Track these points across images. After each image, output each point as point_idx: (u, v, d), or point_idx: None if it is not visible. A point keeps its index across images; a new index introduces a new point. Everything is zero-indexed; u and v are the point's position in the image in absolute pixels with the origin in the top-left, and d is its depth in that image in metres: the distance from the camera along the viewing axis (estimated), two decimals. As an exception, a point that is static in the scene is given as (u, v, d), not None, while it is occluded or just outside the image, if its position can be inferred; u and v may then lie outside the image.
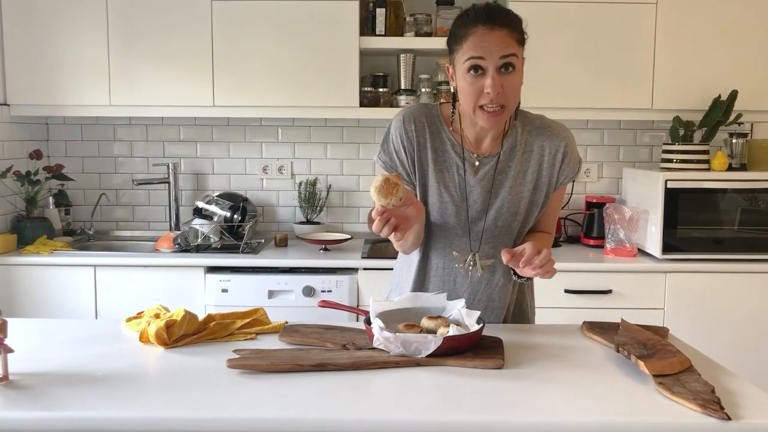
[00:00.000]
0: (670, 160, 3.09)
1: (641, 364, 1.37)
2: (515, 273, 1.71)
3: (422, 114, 1.73)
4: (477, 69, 1.56)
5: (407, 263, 1.83)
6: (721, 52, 3.09)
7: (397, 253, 1.83)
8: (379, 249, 3.08)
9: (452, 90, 1.67)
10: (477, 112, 1.60)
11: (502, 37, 1.55)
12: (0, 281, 2.93)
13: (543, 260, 1.54)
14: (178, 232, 3.15)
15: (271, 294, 2.90)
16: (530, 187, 1.72)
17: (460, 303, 1.64)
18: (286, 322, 1.73)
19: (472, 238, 1.73)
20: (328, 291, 2.88)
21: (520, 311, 1.85)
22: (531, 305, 1.90)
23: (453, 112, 1.71)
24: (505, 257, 1.56)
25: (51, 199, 3.38)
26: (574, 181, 1.78)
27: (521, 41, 1.60)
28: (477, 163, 1.71)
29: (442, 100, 1.80)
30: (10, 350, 1.34)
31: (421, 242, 1.75)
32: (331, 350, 1.52)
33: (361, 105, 3.17)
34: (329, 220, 3.53)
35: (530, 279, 1.76)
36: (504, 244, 1.73)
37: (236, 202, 3.26)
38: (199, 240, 3.08)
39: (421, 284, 1.79)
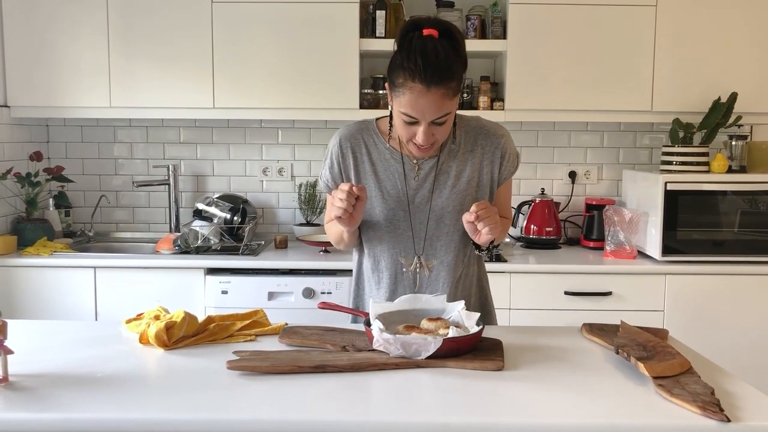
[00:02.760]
0: (669, 162, 3.09)
1: (641, 366, 1.37)
2: (475, 246, 1.79)
3: (358, 131, 1.81)
4: (411, 122, 1.61)
5: (361, 272, 1.88)
6: (721, 54, 3.10)
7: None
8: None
9: (389, 108, 1.70)
10: (409, 144, 1.68)
11: (436, 99, 1.56)
12: (0, 283, 2.93)
13: (481, 207, 1.60)
14: (178, 234, 3.15)
15: (271, 296, 2.90)
16: (473, 185, 1.77)
17: (460, 305, 1.64)
18: (286, 324, 1.73)
19: (421, 239, 1.77)
20: (328, 293, 2.88)
21: (485, 312, 1.89)
22: (492, 306, 1.96)
23: (391, 126, 1.75)
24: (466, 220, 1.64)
25: (51, 201, 3.38)
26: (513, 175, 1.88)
27: (458, 90, 1.60)
28: (417, 167, 1.76)
29: (379, 116, 1.85)
30: (10, 352, 1.34)
31: (355, 242, 1.85)
32: (331, 352, 1.52)
33: (361, 107, 3.17)
34: (329, 222, 3.53)
35: (488, 249, 1.82)
36: (453, 241, 1.78)
37: (236, 203, 3.26)
38: (199, 242, 3.08)
39: (378, 289, 1.82)
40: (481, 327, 1.54)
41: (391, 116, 1.72)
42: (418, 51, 1.55)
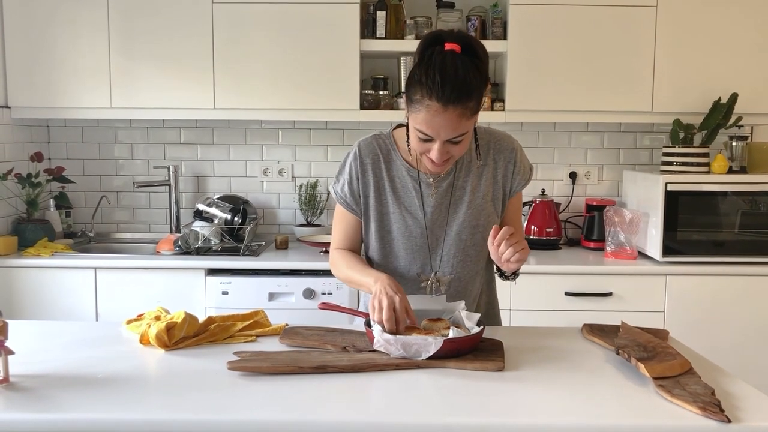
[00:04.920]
0: (670, 163, 3.09)
1: (641, 366, 1.37)
2: (500, 272, 1.77)
3: (376, 145, 1.77)
4: (426, 140, 1.57)
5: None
6: (721, 55, 3.10)
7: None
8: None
9: (406, 120, 1.65)
10: (423, 158, 1.64)
11: (453, 119, 1.51)
12: (1, 283, 2.93)
13: (515, 238, 1.55)
14: (179, 235, 3.15)
15: (272, 296, 2.90)
16: (489, 198, 1.76)
17: (461, 305, 1.64)
18: (287, 325, 1.73)
19: (439, 255, 1.76)
20: (329, 293, 2.88)
21: (492, 314, 1.90)
22: (498, 308, 1.95)
23: (408, 141, 1.68)
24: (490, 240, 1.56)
25: (52, 202, 3.38)
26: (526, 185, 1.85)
27: (476, 109, 1.55)
28: (434, 184, 1.74)
29: (396, 125, 1.81)
30: (11, 352, 1.34)
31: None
32: (332, 352, 1.52)
33: (362, 108, 3.17)
34: (330, 223, 3.53)
35: (515, 276, 1.77)
36: (470, 256, 1.76)
37: (237, 204, 3.26)
38: (200, 242, 3.08)
39: None
40: (481, 328, 1.55)
41: (407, 128, 1.67)
42: (437, 67, 1.49)
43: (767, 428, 1.18)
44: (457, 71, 1.49)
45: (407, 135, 1.67)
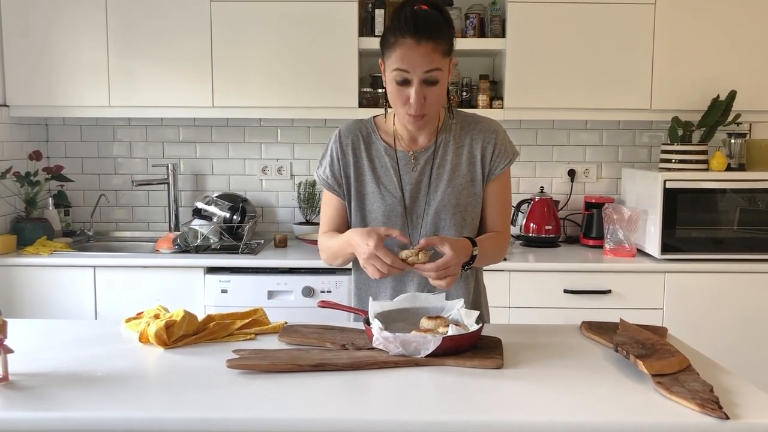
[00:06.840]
0: (668, 161, 3.09)
1: (640, 363, 1.38)
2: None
3: (356, 128, 1.84)
4: (404, 81, 1.65)
5: (360, 272, 1.86)
6: (720, 52, 3.10)
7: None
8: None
9: (384, 86, 1.75)
10: (402, 115, 1.71)
11: (427, 52, 1.61)
12: (0, 282, 2.93)
13: (439, 267, 1.56)
14: (178, 233, 3.15)
15: (271, 294, 2.90)
16: (468, 178, 1.79)
17: (459, 303, 1.65)
18: (286, 323, 1.73)
19: (419, 234, 1.77)
20: (328, 291, 2.89)
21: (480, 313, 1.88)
22: (486, 306, 1.94)
23: (386, 111, 1.81)
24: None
25: (50, 200, 3.38)
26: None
27: (447, 51, 1.65)
28: (413, 160, 1.78)
29: (377, 113, 1.88)
30: (10, 351, 1.34)
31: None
32: (331, 350, 1.53)
33: (360, 106, 3.17)
34: (328, 221, 3.53)
35: (477, 268, 1.82)
36: (451, 235, 1.76)
37: (235, 202, 3.26)
38: (199, 241, 3.08)
39: (376, 286, 1.83)
40: (480, 325, 1.55)
41: (387, 104, 1.75)
42: (409, 12, 1.62)
43: (765, 425, 1.19)
44: (428, 14, 1.63)
45: (387, 109, 1.76)
